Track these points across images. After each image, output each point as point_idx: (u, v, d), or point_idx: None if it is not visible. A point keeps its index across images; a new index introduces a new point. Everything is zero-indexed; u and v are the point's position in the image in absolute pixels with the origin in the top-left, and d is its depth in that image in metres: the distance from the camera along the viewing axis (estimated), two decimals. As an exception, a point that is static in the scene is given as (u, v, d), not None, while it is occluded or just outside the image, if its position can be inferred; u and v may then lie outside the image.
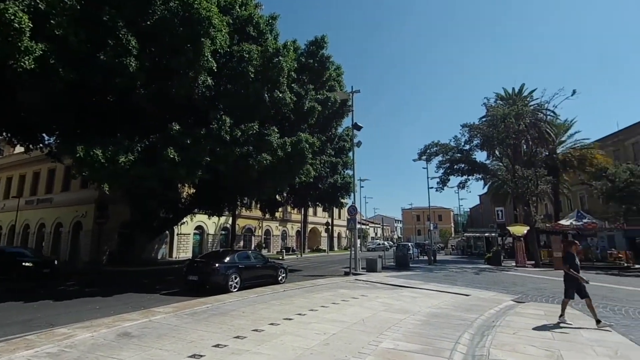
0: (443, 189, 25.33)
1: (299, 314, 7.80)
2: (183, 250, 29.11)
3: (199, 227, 31.03)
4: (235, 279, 11.47)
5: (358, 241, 20.31)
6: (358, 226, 18.28)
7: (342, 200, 24.56)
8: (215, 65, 11.97)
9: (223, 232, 33.83)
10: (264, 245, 38.59)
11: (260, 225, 39.02)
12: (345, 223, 37.37)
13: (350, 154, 20.83)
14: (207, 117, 12.41)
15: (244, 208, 25.89)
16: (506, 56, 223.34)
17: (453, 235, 67.36)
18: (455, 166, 24.05)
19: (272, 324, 6.90)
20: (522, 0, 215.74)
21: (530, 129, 23.32)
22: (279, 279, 13.53)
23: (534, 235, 23.22)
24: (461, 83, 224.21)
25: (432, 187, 28.39)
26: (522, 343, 5.87)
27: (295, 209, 39.33)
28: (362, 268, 18.71)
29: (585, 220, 22.97)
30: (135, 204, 18.17)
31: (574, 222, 23.22)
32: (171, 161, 11.08)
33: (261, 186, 14.43)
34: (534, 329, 6.80)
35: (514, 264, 22.72)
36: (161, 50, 11.54)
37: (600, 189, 24.31)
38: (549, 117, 26.01)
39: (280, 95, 13.75)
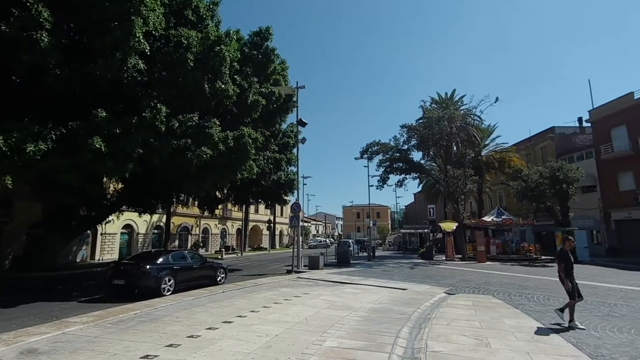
0: (383, 187, 26.49)
1: (240, 316, 7.43)
2: (108, 251, 26.37)
3: (127, 226, 28.37)
4: (169, 281, 10.61)
5: (300, 239, 20.23)
6: (300, 224, 18.19)
7: (285, 198, 24.31)
8: (149, 48, 10.90)
9: (156, 231, 31.40)
10: (201, 244, 36.71)
11: (198, 223, 37.04)
12: (287, 220, 37.14)
13: (295, 150, 20.66)
14: (139, 104, 11.24)
15: (180, 205, 24.24)
16: (441, 61, 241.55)
17: (390, 232, 71.01)
18: (394, 165, 25.27)
19: (209, 328, 6.45)
20: (457, 8, 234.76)
21: (460, 132, 25.40)
22: (218, 279, 12.86)
23: (462, 231, 25.34)
24: (403, 83, 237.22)
25: (372, 185, 29.54)
26: (455, 333, 6.22)
27: (236, 206, 38.06)
28: (305, 266, 18.68)
29: (504, 217, 25.69)
30: (48, 200, 15.89)
31: (494, 219, 25.83)
32: (97, 152, 9.83)
33: (200, 182, 13.54)
34: (465, 319, 7.28)
35: (444, 258, 24.56)
36: (83, 26, 10.17)
37: (516, 189, 27.34)
38: (475, 121, 28.58)
39: (223, 86, 13.05)
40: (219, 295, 10.23)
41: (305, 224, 66.28)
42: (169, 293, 10.34)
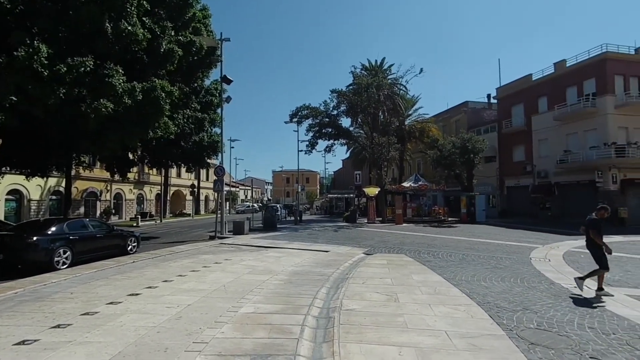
0: (312, 152, 26.58)
1: (149, 287, 6.82)
2: (-10, 220, 22.32)
3: (14, 192, 24.13)
4: (65, 253, 9.28)
5: (226, 204, 19.44)
6: (227, 188, 17.42)
7: (209, 161, 22.89)
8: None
9: (55, 197, 27.38)
10: (113, 211, 33.31)
11: (109, 188, 33.29)
12: (213, 185, 35.53)
13: (219, 110, 19.19)
14: (8, 40, 8.97)
15: (82, 167, 21.18)
16: (371, 28, 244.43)
17: (318, 197, 73.10)
18: (323, 130, 25.33)
19: (111, 303, 5.78)
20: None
21: (387, 101, 26.31)
22: (129, 249, 11.73)
23: (383, 196, 27.03)
24: (336, 47, 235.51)
25: (301, 150, 29.45)
26: (369, 291, 6.55)
27: (155, 170, 34.94)
28: (229, 231, 18.15)
29: (420, 183, 27.97)
30: None
31: (412, 184, 27.98)
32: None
33: (102, 140, 11.75)
34: (379, 277, 7.73)
35: (366, 221, 26.10)
36: None
37: (432, 157, 29.82)
38: (401, 91, 29.85)
39: (129, 28, 11.14)
40: (127, 265, 9.31)
41: (233, 189, 64.40)
42: (65, 267, 9.08)
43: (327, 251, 11.62)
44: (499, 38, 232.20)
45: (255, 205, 61.29)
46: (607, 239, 13.70)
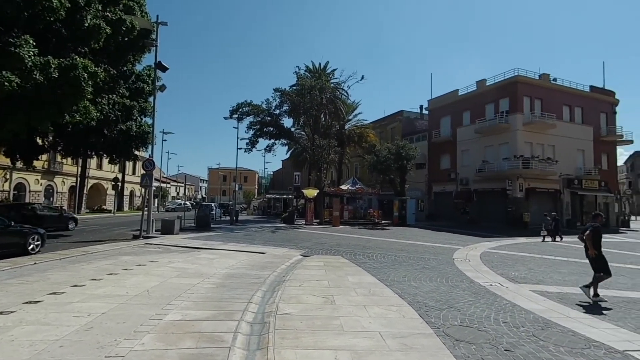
0: (252, 151, 25.86)
1: (54, 293, 5.90)
2: None
3: None
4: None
5: (155, 200, 17.92)
6: (156, 184, 16.05)
7: (137, 153, 20.94)
8: None
9: None
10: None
11: (8, 176, 28.61)
12: (140, 180, 32.62)
13: (151, 99, 17.63)
14: None
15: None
16: (315, 30, 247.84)
17: (256, 197, 71.61)
18: (264, 129, 24.81)
19: (0, 313, 4.84)
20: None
21: (329, 104, 26.73)
22: (30, 248, 10.10)
23: (322, 198, 27.38)
24: (280, 44, 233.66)
25: (241, 148, 28.49)
26: (306, 293, 6.45)
27: (70, 159, 30.95)
28: (157, 230, 16.76)
29: (357, 186, 28.91)
30: None
31: (350, 187, 28.80)
32: None
33: (2, 120, 9.95)
34: (316, 279, 7.69)
35: (304, 223, 26.17)
36: None
37: (369, 162, 31.04)
38: (343, 96, 30.57)
39: (42, -7, 9.59)
40: (27, 267, 8.00)
41: (163, 185, 60.04)
42: (-60, 270, 7.46)
43: (263, 253, 11.31)
44: (433, 53, 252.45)
45: (188, 203, 57.84)
46: (512, 241, 15.55)
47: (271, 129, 24.88)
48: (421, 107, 42.78)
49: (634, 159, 65.00)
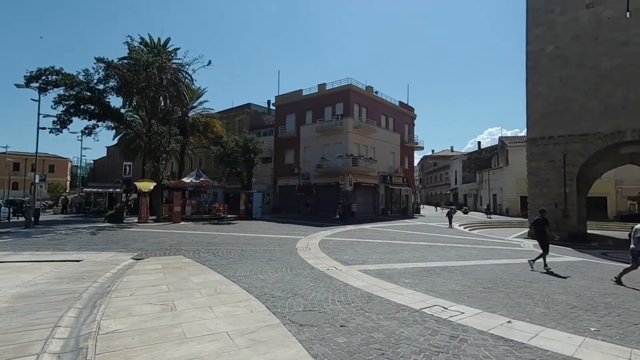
0: (61, 132, 20.29)
1: None
2: None
3: None
4: None
5: None
6: None
7: None
8: None
9: None
10: None
11: None
12: None
13: None
14: None
15: None
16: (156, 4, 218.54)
17: (69, 191, 57.51)
18: (82, 106, 19.84)
19: None
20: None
21: (170, 87, 23.90)
22: None
23: (160, 192, 24.40)
24: (107, 6, 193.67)
25: (44, 128, 22.06)
26: (140, 303, 5.56)
27: None
28: None
29: (202, 179, 27.18)
30: None
31: (193, 180, 26.80)
32: None
33: None
34: (153, 285, 6.74)
35: (137, 221, 22.73)
36: None
37: (215, 154, 29.67)
38: (187, 79, 27.94)
39: None
40: None
41: None
42: None
43: (78, 260, 9.13)
44: (280, 49, 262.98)
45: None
46: (344, 229, 17.76)
47: (92, 107, 20.10)
48: (269, 102, 43.91)
49: (423, 161, 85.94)
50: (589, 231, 22.16)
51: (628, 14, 18.61)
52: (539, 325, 5.11)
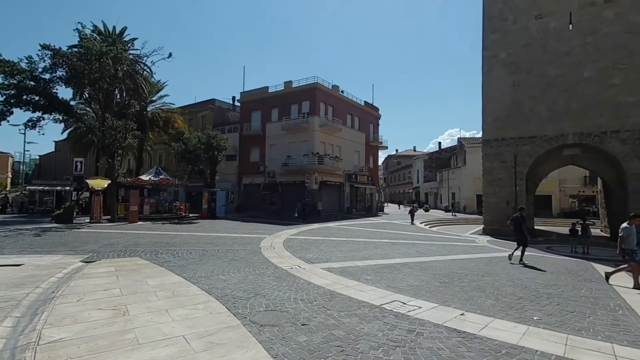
0: (0, 124, 18.48)
1: None
2: None
3: None
4: None
5: None
6: None
7: None
8: None
9: None
10: None
11: None
12: None
13: None
14: None
15: None
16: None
17: (9, 189, 52.58)
18: (25, 96, 18.12)
19: None
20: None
21: (126, 79, 22.53)
22: None
23: (115, 190, 23.02)
24: None
25: (-20, 120, 19.94)
26: (88, 309, 5.21)
27: None
28: None
29: (161, 177, 25.99)
30: None
31: (152, 178, 25.55)
32: None
33: None
34: (104, 289, 6.34)
35: (88, 221, 21.28)
36: None
37: (177, 150, 28.48)
38: (145, 72, 26.50)
39: None
40: None
41: None
42: None
43: (18, 265, 8.36)
44: (246, 45, 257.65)
45: None
46: (309, 227, 17.70)
47: (36, 97, 18.41)
48: (233, 98, 42.93)
49: (388, 161, 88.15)
50: (536, 227, 23.86)
51: (570, 26, 20.24)
52: (489, 317, 5.43)
